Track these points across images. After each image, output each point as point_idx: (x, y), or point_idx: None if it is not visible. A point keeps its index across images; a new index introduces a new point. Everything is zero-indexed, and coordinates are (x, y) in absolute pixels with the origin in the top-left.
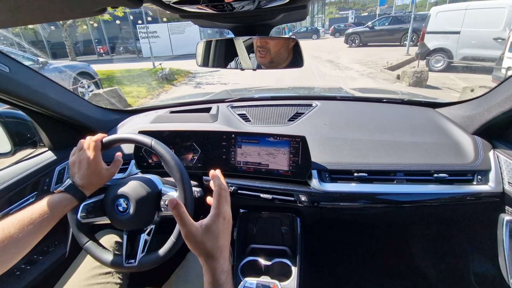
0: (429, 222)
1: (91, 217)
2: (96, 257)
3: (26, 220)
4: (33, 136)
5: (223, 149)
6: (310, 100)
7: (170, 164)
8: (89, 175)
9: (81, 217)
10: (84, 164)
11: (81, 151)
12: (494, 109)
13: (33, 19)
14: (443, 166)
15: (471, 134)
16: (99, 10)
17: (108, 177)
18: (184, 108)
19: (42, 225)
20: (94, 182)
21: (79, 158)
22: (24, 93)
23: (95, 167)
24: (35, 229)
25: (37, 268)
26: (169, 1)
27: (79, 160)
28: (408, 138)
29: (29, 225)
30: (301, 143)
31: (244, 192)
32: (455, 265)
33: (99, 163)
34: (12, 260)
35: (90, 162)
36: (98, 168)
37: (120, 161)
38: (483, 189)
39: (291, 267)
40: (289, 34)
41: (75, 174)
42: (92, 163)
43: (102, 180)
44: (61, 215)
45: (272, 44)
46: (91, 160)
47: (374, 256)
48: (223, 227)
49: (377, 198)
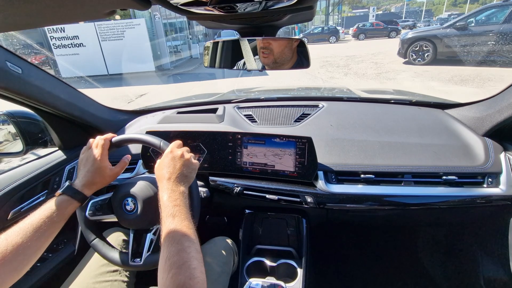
0: (437, 225)
1: (99, 215)
2: (102, 254)
3: (29, 227)
4: (44, 136)
5: (229, 149)
6: (316, 101)
7: None
8: (92, 173)
9: (89, 214)
10: (90, 161)
11: (90, 149)
12: (505, 110)
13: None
14: (452, 168)
15: (481, 136)
16: (108, 12)
17: (111, 176)
18: (191, 109)
19: (46, 230)
20: (97, 180)
21: (86, 156)
22: (35, 94)
23: (99, 165)
24: (40, 234)
25: (46, 266)
26: (177, 3)
27: (86, 157)
28: (416, 139)
29: (33, 232)
30: (307, 144)
31: (250, 193)
32: (464, 269)
33: (104, 161)
34: (23, 267)
35: (96, 159)
36: (102, 166)
37: (125, 163)
38: (494, 192)
39: (296, 268)
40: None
41: (80, 171)
42: (97, 161)
43: (104, 179)
44: (65, 218)
45: (275, 44)
46: (97, 157)
47: (381, 259)
48: (167, 160)
49: (384, 200)
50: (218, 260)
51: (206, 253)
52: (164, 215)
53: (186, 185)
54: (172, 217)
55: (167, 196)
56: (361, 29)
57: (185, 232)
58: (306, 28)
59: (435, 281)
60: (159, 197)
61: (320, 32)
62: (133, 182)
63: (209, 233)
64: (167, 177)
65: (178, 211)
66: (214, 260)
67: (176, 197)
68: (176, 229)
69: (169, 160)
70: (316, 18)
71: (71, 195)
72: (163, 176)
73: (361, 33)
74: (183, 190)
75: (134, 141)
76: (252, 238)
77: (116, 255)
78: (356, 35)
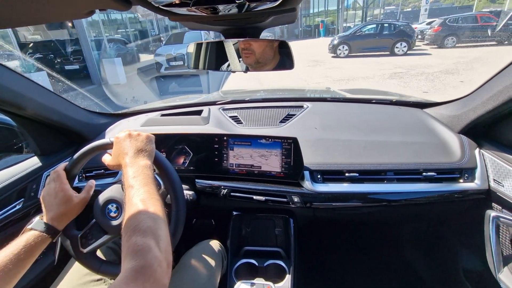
0: (419, 220)
1: (93, 242)
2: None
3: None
4: (19, 142)
5: (215, 151)
6: (301, 102)
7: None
8: (57, 205)
9: (82, 247)
10: (52, 195)
11: (48, 185)
12: (478, 108)
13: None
14: (431, 165)
15: (457, 133)
16: (87, 12)
17: (79, 204)
18: (175, 111)
19: (11, 269)
20: (64, 211)
21: (47, 192)
22: (8, 97)
23: (62, 196)
24: (3, 274)
25: (25, 277)
26: (158, 4)
27: (47, 193)
28: (397, 138)
29: (4, 268)
30: (293, 144)
31: (237, 195)
32: (445, 261)
33: (66, 191)
34: None
35: (57, 191)
36: (66, 195)
37: (90, 186)
38: (470, 187)
39: (285, 268)
40: (335, 40)
41: (45, 208)
42: (59, 193)
43: (74, 208)
44: (33, 256)
45: (255, 45)
46: (57, 190)
47: (367, 254)
48: (117, 145)
49: (368, 198)
50: (206, 264)
51: (194, 257)
52: (126, 186)
53: (149, 158)
54: (130, 188)
55: (130, 170)
56: (449, 27)
57: (145, 199)
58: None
59: (418, 273)
60: (123, 178)
61: (376, 33)
62: (110, 188)
63: (196, 236)
64: (124, 156)
65: (137, 182)
66: (202, 264)
67: (136, 169)
68: (135, 196)
69: (119, 144)
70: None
71: (42, 230)
72: (121, 157)
73: (450, 36)
74: (146, 163)
75: (85, 155)
76: (240, 240)
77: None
78: (438, 40)
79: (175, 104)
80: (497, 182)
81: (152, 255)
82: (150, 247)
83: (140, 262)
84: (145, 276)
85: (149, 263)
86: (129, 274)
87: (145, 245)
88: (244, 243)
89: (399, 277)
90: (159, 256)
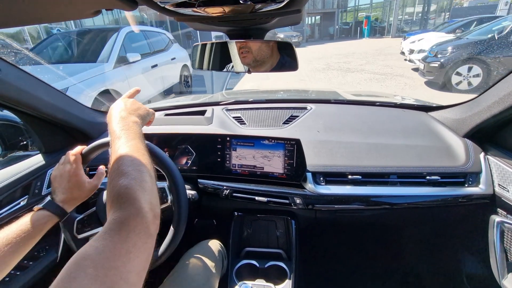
0: (422, 224)
1: (88, 230)
2: None
3: (4, 241)
4: (25, 139)
5: (218, 152)
6: (304, 103)
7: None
8: (70, 189)
9: (77, 233)
10: (65, 178)
11: (62, 165)
12: (484, 112)
13: (27, 20)
14: (436, 168)
15: (462, 137)
16: (93, 12)
17: (90, 190)
18: (179, 111)
19: (20, 245)
20: (76, 195)
21: (59, 172)
22: (15, 95)
23: (76, 180)
24: (13, 249)
25: (27, 274)
26: (164, 4)
27: (60, 174)
28: (401, 141)
29: (6, 246)
30: (296, 146)
31: (239, 195)
32: (448, 266)
33: (80, 176)
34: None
35: (71, 175)
36: (79, 181)
37: (102, 173)
38: (474, 191)
39: (286, 270)
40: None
41: (56, 188)
42: (72, 177)
43: (83, 193)
44: (41, 233)
45: (251, 43)
46: (71, 174)
47: (369, 258)
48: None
49: (371, 200)
50: (207, 263)
51: (194, 256)
52: (113, 137)
53: (140, 118)
54: (118, 139)
55: (116, 123)
56: None
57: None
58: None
59: (421, 277)
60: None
61: None
62: None
63: (198, 236)
64: (116, 113)
65: (125, 134)
66: (203, 263)
67: (126, 124)
68: (122, 146)
69: (115, 108)
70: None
71: (53, 210)
72: (113, 116)
73: None
74: (136, 120)
75: (104, 145)
76: (241, 241)
77: None
78: None
79: (179, 104)
80: (502, 187)
81: (137, 206)
82: (135, 197)
83: (124, 213)
84: (129, 226)
85: (134, 214)
86: (113, 226)
87: (129, 194)
88: (245, 244)
89: (401, 280)
90: (144, 207)
